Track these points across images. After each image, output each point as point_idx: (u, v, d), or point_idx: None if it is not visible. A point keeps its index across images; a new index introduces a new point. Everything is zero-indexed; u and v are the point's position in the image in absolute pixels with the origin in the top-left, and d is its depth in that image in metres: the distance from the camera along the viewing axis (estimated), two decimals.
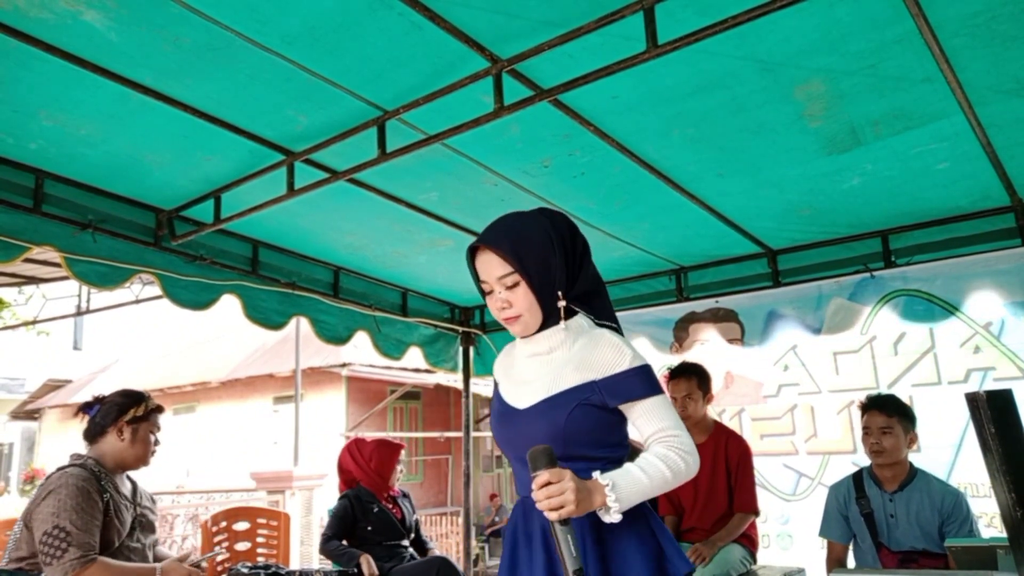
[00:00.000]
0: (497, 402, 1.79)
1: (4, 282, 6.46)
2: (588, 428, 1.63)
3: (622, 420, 1.69)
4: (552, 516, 1.45)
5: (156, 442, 2.70)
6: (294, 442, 12.33)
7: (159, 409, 2.72)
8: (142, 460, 2.65)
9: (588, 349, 1.67)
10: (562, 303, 1.67)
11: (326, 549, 3.71)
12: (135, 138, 2.71)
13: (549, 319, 1.70)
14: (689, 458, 1.60)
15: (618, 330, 1.76)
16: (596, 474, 1.53)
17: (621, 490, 1.51)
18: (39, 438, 19.33)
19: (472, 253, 1.72)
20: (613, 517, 1.51)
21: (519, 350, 1.79)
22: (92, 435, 2.60)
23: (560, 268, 1.66)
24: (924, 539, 2.82)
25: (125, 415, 2.60)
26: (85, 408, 2.65)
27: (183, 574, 2.44)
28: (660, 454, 1.58)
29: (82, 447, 2.64)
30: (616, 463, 1.65)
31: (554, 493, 1.44)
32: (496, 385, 1.84)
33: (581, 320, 1.73)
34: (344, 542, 3.77)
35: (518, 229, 1.68)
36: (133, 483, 2.69)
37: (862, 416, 3.04)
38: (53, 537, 2.28)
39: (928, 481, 2.92)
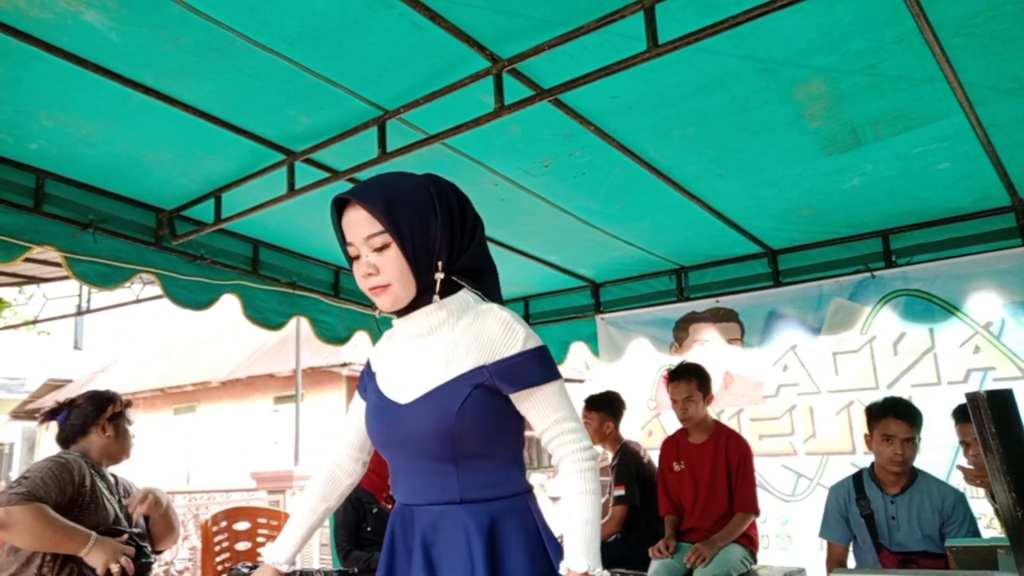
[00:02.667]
0: (374, 395, 1.55)
1: (5, 282, 6.45)
2: (482, 422, 1.42)
3: (511, 401, 1.48)
4: None
5: (133, 434, 2.78)
6: (294, 442, 12.34)
7: (129, 403, 2.79)
8: (126, 452, 2.72)
9: (475, 328, 1.44)
10: (440, 275, 1.44)
11: (351, 563, 3.68)
12: (136, 138, 2.72)
13: (425, 293, 1.46)
14: (591, 462, 1.43)
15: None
16: (564, 569, 1.37)
17: (594, 559, 1.37)
18: (39, 438, 19.32)
19: (339, 210, 1.49)
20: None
21: (398, 333, 1.56)
22: (72, 436, 2.62)
23: (441, 235, 1.44)
24: (924, 540, 2.81)
25: (105, 413, 2.64)
26: (53, 415, 2.66)
27: (111, 551, 2.38)
28: (578, 489, 1.41)
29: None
30: (513, 461, 1.49)
31: None
32: (371, 376, 1.60)
33: (466, 295, 1.50)
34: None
35: (395, 185, 1.47)
36: (114, 476, 2.71)
37: (876, 420, 2.91)
38: (9, 484, 2.34)
39: (928, 482, 2.91)
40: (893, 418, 2.88)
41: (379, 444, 1.55)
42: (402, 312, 1.51)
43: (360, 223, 1.44)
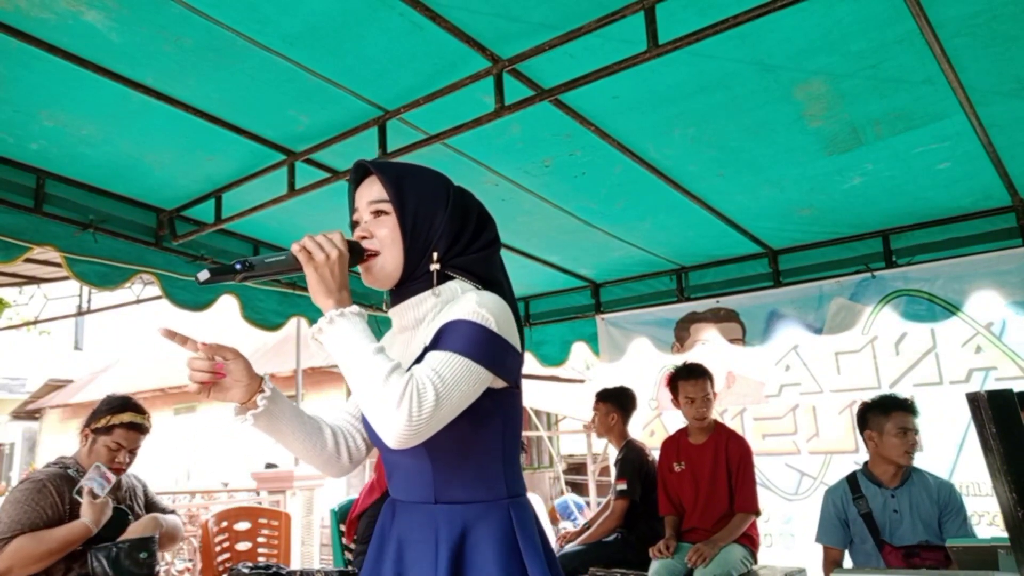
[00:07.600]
0: None
1: (5, 282, 6.46)
2: None
3: (492, 397, 1.32)
4: (296, 247, 1.31)
5: (117, 459, 2.54)
6: None
7: (131, 426, 2.57)
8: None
9: (447, 314, 1.33)
10: (435, 265, 1.38)
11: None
12: (136, 138, 2.71)
13: (413, 277, 1.41)
14: (413, 394, 1.16)
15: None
16: (350, 310, 1.30)
17: (340, 325, 1.28)
18: (40, 438, 19.33)
19: (356, 183, 1.47)
20: (315, 334, 1.31)
21: (393, 329, 1.52)
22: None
23: (445, 229, 1.40)
24: (926, 531, 2.88)
25: (93, 421, 2.58)
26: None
27: (96, 511, 2.41)
28: (392, 361, 1.23)
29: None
30: (498, 462, 1.36)
31: (322, 241, 1.30)
32: None
33: (457, 285, 1.41)
34: None
35: (413, 168, 1.46)
36: (118, 481, 2.63)
37: (887, 416, 2.97)
38: None
39: (922, 475, 3.00)
40: (899, 412, 2.99)
41: (371, 438, 1.51)
42: (392, 303, 1.48)
43: (370, 190, 1.43)
